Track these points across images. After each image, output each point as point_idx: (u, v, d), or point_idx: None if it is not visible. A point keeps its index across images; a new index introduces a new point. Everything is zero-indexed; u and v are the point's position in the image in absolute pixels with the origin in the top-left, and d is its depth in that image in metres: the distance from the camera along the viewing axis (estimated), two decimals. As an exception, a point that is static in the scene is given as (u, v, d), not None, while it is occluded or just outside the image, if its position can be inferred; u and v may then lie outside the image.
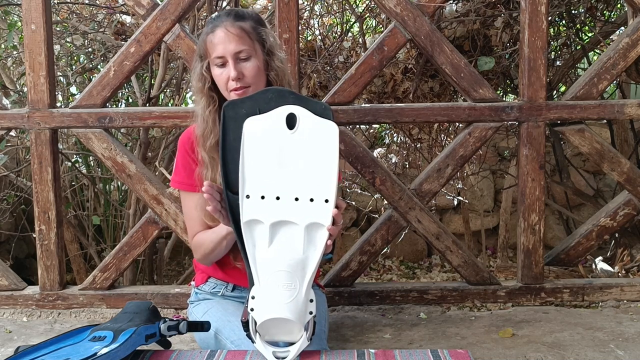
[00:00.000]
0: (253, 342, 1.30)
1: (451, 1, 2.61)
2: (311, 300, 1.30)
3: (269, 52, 1.53)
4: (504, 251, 3.34)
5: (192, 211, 1.58)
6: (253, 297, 1.30)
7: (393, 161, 3.63)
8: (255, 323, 1.30)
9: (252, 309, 1.30)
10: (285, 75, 1.56)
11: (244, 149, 1.33)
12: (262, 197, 1.31)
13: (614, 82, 2.94)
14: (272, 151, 1.32)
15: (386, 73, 2.75)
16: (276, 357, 1.29)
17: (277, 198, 1.30)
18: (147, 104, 2.67)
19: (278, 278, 1.29)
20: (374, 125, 3.75)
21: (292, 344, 1.30)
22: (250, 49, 1.49)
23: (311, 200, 1.30)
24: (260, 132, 1.33)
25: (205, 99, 1.53)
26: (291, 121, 1.33)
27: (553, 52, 2.95)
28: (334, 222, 1.31)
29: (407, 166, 3.72)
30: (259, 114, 1.35)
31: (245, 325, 1.31)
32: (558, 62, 2.96)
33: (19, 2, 2.64)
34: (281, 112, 1.33)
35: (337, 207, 1.31)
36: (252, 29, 1.51)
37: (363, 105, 2.21)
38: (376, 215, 3.39)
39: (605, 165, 2.07)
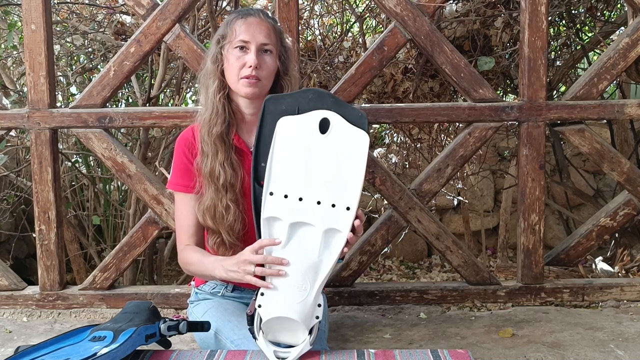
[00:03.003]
0: (255, 338, 1.31)
1: (451, 1, 2.62)
2: (319, 305, 1.30)
3: (289, 58, 1.57)
4: (504, 251, 3.34)
5: (184, 214, 1.58)
6: (262, 294, 1.31)
7: (393, 161, 3.63)
8: (261, 320, 1.30)
9: (259, 305, 1.30)
10: (297, 84, 1.60)
11: (274, 147, 1.34)
12: (285, 196, 1.32)
13: (614, 82, 2.94)
14: (302, 153, 1.33)
15: (386, 73, 2.75)
16: (277, 357, 1.29)
17: (300, 199, 1.31)
18: (147, 104, 2.67)
19: (290, 278, 1.29)
20: (374, 125, 3.75)
21: (293, 346, 1.30)
22: (274, 46, 1.52)
23: (333, 205, 1.30)
24: (293, 132, 1.34)
25: (218, 83, 1.53)
26: (324, 126, 1.34)
27: (553, 52, 2.95)
28: (354, 231, 1.32)
29: (407, 166, 3.72)
30: (298, 112, 1.36)
31: (250, 319, 1.31)
32: (558, 62, 2.96)
33: (19, 2, 2.64)
34: (315, 116, 1.34)
35: (358, 217, 1.32)
36: (280, 32, 1.56)
37: (363, 105, 2.21)
38: (376, 215, 3.39)
39: (605, 165, 2.07)
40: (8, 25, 2.92)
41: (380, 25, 3.09)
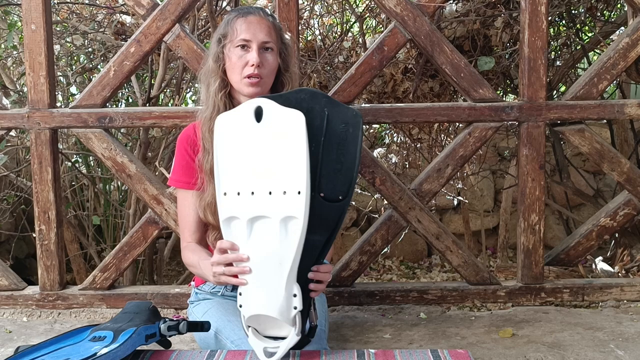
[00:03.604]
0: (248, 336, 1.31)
1: (451, 1, 2.62)
2: (294, 295, 1.27)
3: (289, 54, 1.58)
4: (504, 251, 3.33)
5: (186, 210, 1.59)
6: (240, 294, 1.31)
7: (393, 161, 3.63)
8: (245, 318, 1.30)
9: (240, 305, 1.30)
10: (297, 80, 1.61)
11: (216, 146, 1.32)
12: (238, 194, 1.30)
13: (614, 82, 2.94)
14: (244, 146, 1.31)
15: (386, 73, 2.75)
16: (266, 353, 1.28)
17: (252, 193, 1.28)
18: (147, 104, 2.67)
19: (257, 274, 1.28)
20: (374, 125, 3.75)
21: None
22: (275, 44, 1.53)
23: (284, 193, 1.26)
24: (230, 127, 1.32)
25: (220, 81, 1.54)
26: (259, 114, 1.30)
27: (553, 52, 2.95)
28: (321, 280, 1.33)
29: (407, 166, 3.72)
30: None
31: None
32: (558, 62, 2.96)
33: (19, 2, 2.64)
34: (250, 106, 1.31)
35: (322, 277, 1.33)
36: (279, 29, 1.57)
37: (363, 105, 2.20)
38: (376, 215, 3.39)
39: (605, 165, 2.07)
40: (8, 25, 2.91)
41: (380, 25, 3.09)
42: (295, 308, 1.27)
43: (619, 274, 2.48)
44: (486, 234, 3.80)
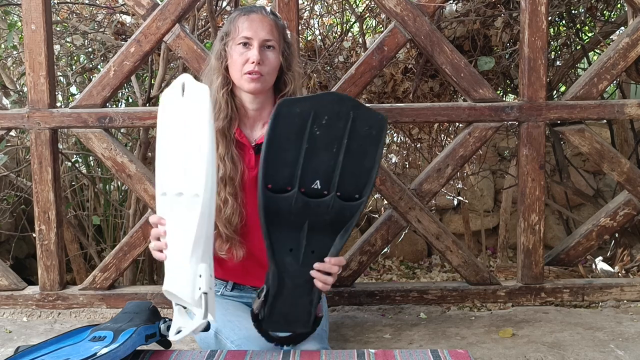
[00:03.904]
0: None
1: (451, 1, 2.62)
2: (200, 276, 1.26)
3: (291, 54, 1.59)
4: (504, 251, 3.34)
5: None
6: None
7: (393, 161, 3.63)
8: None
9: None
10: (300, 79, 1.61)
11: (159, 121, 1.35)
12: (170, 169, 1.32)
13: (614, 82, 2.94)
14: (174, 120, 1.33)
15: (386, 73, 2.75)
16: (178, 331, 1.30)
17: (178, 169, 1.30)
18: (147, 104, 2.67)
19: (170, 251, 1.31)
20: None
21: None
22: (276, 42, 1.53)
23: (194, 169, 1.27)
24: (166, 101, 1.35)
25: (222, 79, 1.55)
26: (184, 88, 1.33)
27: (553, 52, 2.95)
28: (329, 273, 1.36)
29: (407, 166, 3.72)
30: (314, 116, 1.35)
31: (255, 317, 1.34)
32: (558, 62, 2.96)
33: (19, 2, 2.64)
34: (178, 80, 1.33)
35: (330, 269, 1.36)
36: (282, 28, 1.58)
37: (363, 105, 2.19)
38: (376, 215, 3.39)
39: (605, 165, 2.07)
40: (8, 25, 2.91)
41: (380, 25, 3.09)
42: (199, 289, 1.25)
43: (619, 274, 2.48)
44: (486, 234, 3.80)
